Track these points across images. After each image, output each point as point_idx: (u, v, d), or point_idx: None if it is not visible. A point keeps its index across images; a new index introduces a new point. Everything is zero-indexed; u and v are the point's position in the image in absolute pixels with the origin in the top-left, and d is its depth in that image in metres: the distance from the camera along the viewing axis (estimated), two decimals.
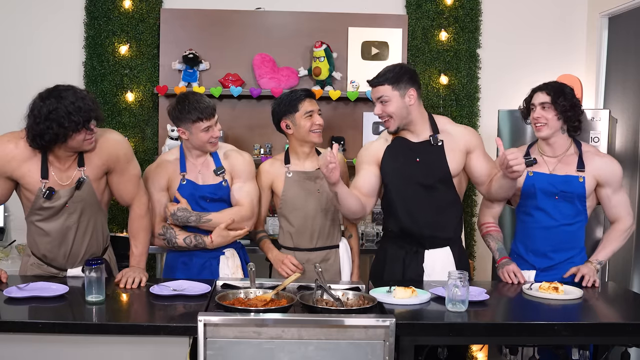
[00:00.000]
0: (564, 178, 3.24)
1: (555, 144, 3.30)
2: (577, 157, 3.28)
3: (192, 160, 3.37)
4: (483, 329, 2.62)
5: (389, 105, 3.21)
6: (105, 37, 4.86)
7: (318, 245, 3.45)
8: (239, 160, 3.40)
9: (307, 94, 3.46)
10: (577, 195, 3.23)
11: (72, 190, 3.00)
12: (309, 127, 3.39)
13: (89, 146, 2.97)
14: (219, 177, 3.35)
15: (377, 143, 3.40)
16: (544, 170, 3.30)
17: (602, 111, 4.32)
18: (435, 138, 3.26)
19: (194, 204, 3.31)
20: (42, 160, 2.97)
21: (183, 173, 3.34)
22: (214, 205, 3.33)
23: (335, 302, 2.71)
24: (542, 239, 3.29)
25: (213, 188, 3.33)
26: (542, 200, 3.26)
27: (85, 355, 2.52)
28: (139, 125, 4.90)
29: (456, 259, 3.29)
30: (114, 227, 4.76)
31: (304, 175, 3.43)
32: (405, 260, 3.30)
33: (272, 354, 2.45)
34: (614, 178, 3.26)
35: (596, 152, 3.33)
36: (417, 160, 3.26)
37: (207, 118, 3.23)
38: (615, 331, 2.64)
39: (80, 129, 2.85)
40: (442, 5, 4.98)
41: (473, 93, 5.02)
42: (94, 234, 3.15)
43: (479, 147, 3.31)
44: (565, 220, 3.26)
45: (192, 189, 3.32)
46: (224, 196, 3.34)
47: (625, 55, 4.63)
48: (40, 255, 3.13)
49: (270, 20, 4.91)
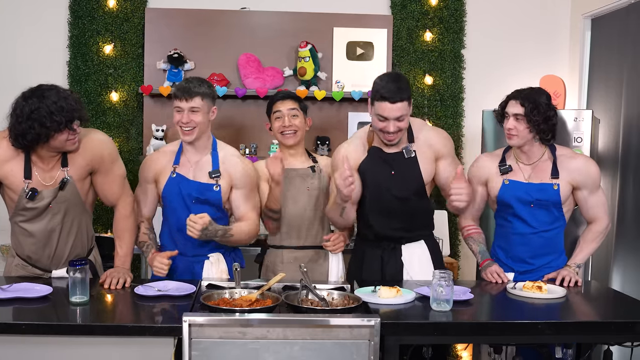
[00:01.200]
0: (539, 186, 3.22)
1: (529, 151, 3.26)
2: (552, 163, 3.25)
3: (189, 156, 3.29)
4: (468, 328, 2.63)
5: (404, 121, 3.15)
6: (89, 36, 4.83)
7: (307, 244, 3.44)
8: (239, 168, 3.28)
9: (283, 95, 3.46)
10: (552, 203, 3.22)
11: (56, 190, 2.99)
12: (277, 128, 3.41)
13: (72, 146, 2.95)
14: (212, 179, 3.25)
15: (356, 150, 3.33)
16: (520, 177, 3.27)
17: (585, 111, 4.35)
18: (408, 150, 3.24)
19: (180, 202, 3.24)
20: (25, 160, 2.95)
21: (175, 165, 3.26)
22: (199, 207, 3.21)
23: (320, 302, 2.72)
24: (520, 245, 3.29)
25: (202, 187, 3.23)
26: (518, 208, 3.25)
27: (70, 356, 2.50)
28: (123, 125, 4.88)
29: (430, 251, 3.36)
30: (99, 228, 4.74)
31: (293, 172, 3.43)
32: (384, 257, 3.32)
33: (257, 354, 2.45)
34: (590, 180, 3.23)
35: (571, 155, 3.29)
36: (392, 173, 3.25)
37: (179, 98, 3.16)
38: (598, 330, 2.67)
39: (63, 129, 2.82)
40: (427, 6, 4.99)
41: (457, 93, 5.04)
42: (79, 234, 3.13)
43: (448, 154, 3.31)
44: (543, 227, 3.25)
45: (180, 184, 3.23)
46: (211, 199, 3.24)
47: (607, 56, 4.67)
48: (25, 257, 3.12)
49: (255, 20, 4.91)
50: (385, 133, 3.15)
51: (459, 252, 5.04)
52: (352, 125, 4.91)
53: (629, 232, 4.26)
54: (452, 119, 5.00)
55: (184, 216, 3.16)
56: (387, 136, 3.16)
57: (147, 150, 4.70)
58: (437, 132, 3.40)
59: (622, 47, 4.43)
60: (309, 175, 3.44)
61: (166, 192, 3.27)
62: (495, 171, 3.32)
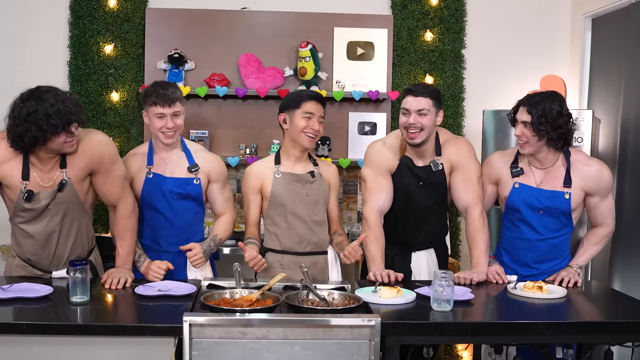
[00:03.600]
0: (549, 193, 3.19)
1: (541, 158, 3.22)
2: (565, 170, 3.19)
3: (161, 154, 3.33)
4: (468, 328, 2.63)
5: (425, 118, 3.21)
6: (90, 36, 4.83)
7: (307, 249, 3.38)
8: (214, 163, 3.39)
9: (315, 96, 3.37)
10: (562, 212, 3.19)
11: (54, 192, 2.98)
12: (302, 127, 3.29)
13: (70, 149, 2.93)
14: (191, 174, 3.30)
15: (389, 154, 3.38)
16: (531, 181, 3.24)
17: (586, 111, 4.35)
18: (435, 164, 3.32)
19: (161, 200, 3.27)
20: (24, 161, 2.94)
21: (149, 166, 3.29)
22: (181, 203, 3.28)
23: (320, 302, 2.72)
24: (526, 251, 3.29)
25: (182, 182, 3.28)
26: (526, 214, 3.24)
27: (70, 356, 2.50)
28: (124, 125, 4.88)
29: (439, 258, 3.45)
30: (99, 228, 4.74)
31: (293, 177, 3.36)
32: (394, 260, 3.39)
33: (258, 354, 2.44)
34: (603, 186, 3.19)
35: (586, 161, 3.22)
36: (420, 184, 3.34)
37: (162, 105, 3.17)
38: (598, 330, 2.67)
39: (60, 132, 2.81)
40: (427, 6, 4.99)
41: (458, 93, 5.04)
42: (78, 235, 3.13)
43: (464, 166, 3.33)
44: (550, 234, 3.24)
45: (159, 182, 3.27)
46: (192, 193, 3.30)
47: (608, 56, 4.67)
48: (25, 258, 3.11)
49: (255, 20, 4.90)
50: (407, 130, 3.22)
51: (460, 252, 5.04)
52: (352, 125, 4.91)
53: (629, 232, 4.25)
54: (452, 118, 5.00)
55: (165, 214, 3.29)
56: (408, 133, 3.22)
57: None
58: (459, 142, 3.43)
59: (622, 47, 4.43)
60: (308, 180, 3.38)
61: (145, 193, 3.29)
62: (507, 172, 3.30)
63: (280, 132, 3.49)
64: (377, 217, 3.30)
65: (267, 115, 4.81)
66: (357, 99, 4.82)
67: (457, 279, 3.08)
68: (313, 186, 3.36)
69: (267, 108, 4.87)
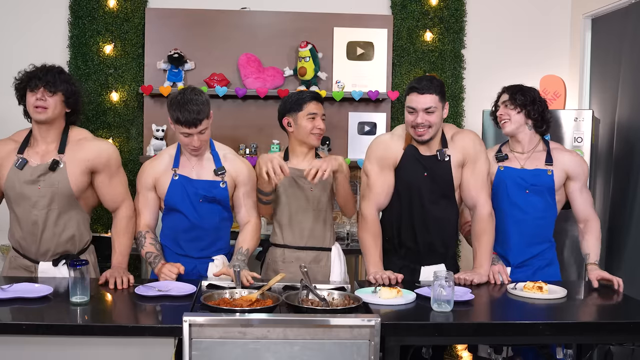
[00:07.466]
0: (533, 172, 3.35)
1: (523, 140, 3.41)
2: (546, 153, 3.39)
3: (188, 156, 3.27)
4: (468, 328, 2.63)
5: (434, 116, 3.17)
6: (89, 36, 4.83)
7: (309, 244, 3.41)
8: (242, 167, 3.31)
9: (315, 96, 3.42)
10: (546, 189, 3.33)
11: (46, 167, 3.04)
12: (309, 129, 3.35)
13: (38, 115, 3.04)
14: (217, 177, 3.25)
15: (395, 145, 3.32)
16: (515, 165, 3.41)
17: (586, 111, 4.35)
18: (442, 153, 3.25)
19: (187, 203, 3.22)
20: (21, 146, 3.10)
21: (175, 168, 3.25)
22: (207, 207, 3.24)
23: (320, 302, 2.72)
24: (514, 234, 3.36)
25: (208, 185, 3.23)
26: (513, 193, 3.36)
27: (70, 356, 2.50)
28: (123, 125, 4.88)
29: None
30: (99, 228, 4.74)
31: (298, 172, 3.36)
32: (402, 270, 3.27)
33: (258, 354, 2.44)
34: (582, 172, 3.38)
35: (563, 149, 3.48)
36: (424, 175, 3.27)
37: (188, 126, 3.10)
38: (598, 330, 2.67)
39: (33, 89, 3.01)
40: (427, 6, 4.99)
41: (458, 93, 5.04)
42: (68, 230, 3.14)
43: (473, 162, 3.28)
44: (537, 213, 3.35)
45: (185, 185, 3.22)
46: (218, 196, 3.24)
47: (607, 56, 4.67)
48: (17, 247, 3.17)
49: (255, 20, 4.90)
50: (414, 128, 3.19)
51: (459, 252, 5.04)
52: (352, 125, 4.91)
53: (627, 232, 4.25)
54: (452, 119, 5.00)
55: (190, 217, 3.21)
56: (416, 131, 3.19)
57: (148, 151, 4.70)
58: (468, 135, 3.36)
59: (622, 47, 4.42)
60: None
61: (170, 195, 3.24)
62: (492, 161, 3.43)
63: (280, 132, 3.51)
64: (375, 215, 3.30)
65: (267, 115, 4.80)
66: (356, 99, 4.82)
67: (457, 280, 3.08)
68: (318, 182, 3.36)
69: (267, 108, 4.87)
